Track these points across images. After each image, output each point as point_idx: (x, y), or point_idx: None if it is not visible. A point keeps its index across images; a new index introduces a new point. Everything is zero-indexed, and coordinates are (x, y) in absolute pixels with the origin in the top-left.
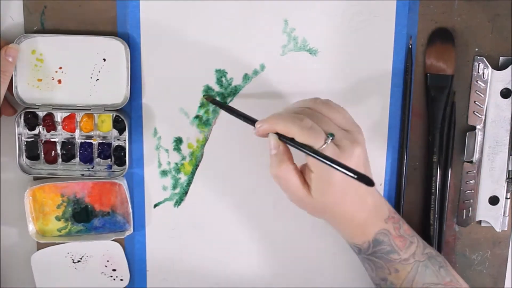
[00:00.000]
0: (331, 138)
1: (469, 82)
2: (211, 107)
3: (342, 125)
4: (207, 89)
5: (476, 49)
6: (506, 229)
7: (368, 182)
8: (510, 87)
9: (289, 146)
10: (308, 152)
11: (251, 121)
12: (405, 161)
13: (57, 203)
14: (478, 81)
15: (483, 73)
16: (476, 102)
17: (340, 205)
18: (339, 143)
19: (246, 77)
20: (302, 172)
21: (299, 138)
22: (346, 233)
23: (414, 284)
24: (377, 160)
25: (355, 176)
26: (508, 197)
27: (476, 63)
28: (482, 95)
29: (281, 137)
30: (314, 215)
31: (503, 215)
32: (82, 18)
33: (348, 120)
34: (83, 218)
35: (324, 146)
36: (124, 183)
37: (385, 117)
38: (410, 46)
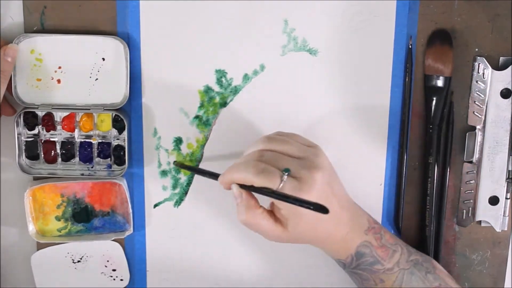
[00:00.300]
0: (286, 174)
1: (469, 82)
2: (211, 107)
3: (296, 154)
4: (207, 89)
5: (476, 49)
6: (506, 229)
7: (322, 209)
8: (510, 87)
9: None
10: (268, 194)
11: (216, 176)
12: (405, 161)
13: (57, 203)
14: (478, 81)
15: (483, 73)
16: (476, 102)
17: (317, 230)
18: (297, 175)
19: (246, 77)
20: (273, 210)
21: (257, 183)
22: (329, 251)
23: None
24: (377, 160)
25: (311, 207)
26: (508, 197)
27: (476, 63)
28: (482, 95)
29: (242, 185)
30: (294, 243)
31: (503, 215)
32: (82, 18)
33: (301, 146)
34: (83, 218)
35: (281, 184)
36: (124, 183)
37: (385, 117)
38: (410, 46)
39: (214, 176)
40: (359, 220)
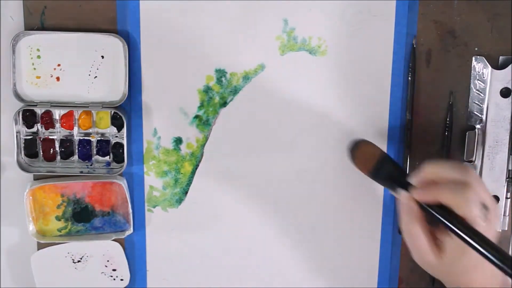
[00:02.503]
0: (486, 212)
1: (468, 82)
2: (211, 107)
3: (486, 200)
4: (207, 89)
5: (476, 49)
6: (506, 228)
7: None
8: (510, 87)
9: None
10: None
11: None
12: (408, 162)
13: (57, 203)
14: (478, 81)
15: (483, 73)
16: (476, 102)
17: (469, 275)
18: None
19: (246, 77)
20: (432, 233)
21: (460, 210)
22: None
23: None
24: None
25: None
26: (508, 196)
27: (475, 63)
28: (482, 95)
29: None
30: (439, 278)
31: (503, 215)
32: (82, 18)
33: (489, 195)
34: (83, 218)
35: (482, 223)
36: (124, 183)
37: (385, 117)
38: (414, 46)
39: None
40: (508, 281)
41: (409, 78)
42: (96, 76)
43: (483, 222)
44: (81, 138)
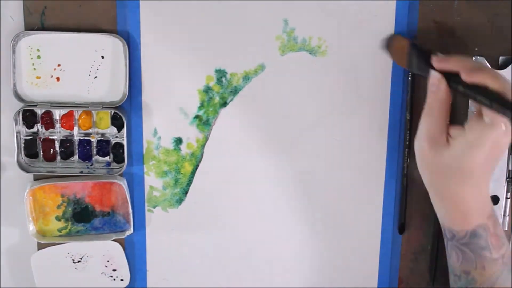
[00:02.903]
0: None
1: None
2: (211, 107)
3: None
4: (207, 89)
5: (476, 49)
6: (506, 229)
7: None
8: None
9: None
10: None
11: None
12: (407, 161)
13: (57, 203)
14: None
15: None
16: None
17: (462, 177)
18: None
19: (246, 77)
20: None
21: (493, 84)
22: (447, 215)
23: (495, 285)
24: (377, 159)
25: None
26: (508, 196)
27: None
28: None
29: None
30: (426, 179)
31: (503, 215)
32: (82, 18)
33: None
34: (83, 218)
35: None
36: (124, 184)
37: (385, 117)
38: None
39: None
40: (487, 203)
41: (409, 78)
42: (96, 76)
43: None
44: (81, 138)
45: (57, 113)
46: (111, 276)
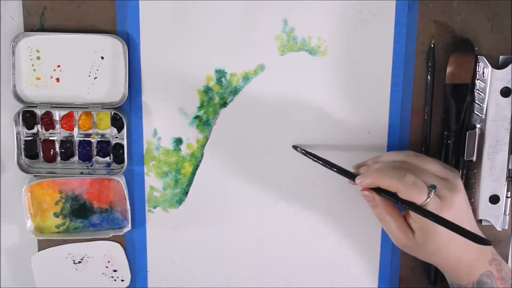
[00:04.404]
0: (433, 190)
1: None
2: (211, 107)
3: (439, 174)
4: (207, 89)
5: (476, 48)
6: (506, 228)
7: (484, 242)
8: (510, 86)
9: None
10: (411, 208)
11: (350, 175)
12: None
13: (55, 199)
14: (478, 80)
15: (483, 72)
16: (476, 101)
17: (445, 250)
18: (439, 193)
19: (246, 78)
20: (405, 217)
21: (403, 194)
22: (452, 275)
23: None
24: None
25: (473, 239)
26: (509, 196)
27: (476, 62)
28: (482, 94)
29: (381, 191)
30: (419, 257)
31: (504, 214)
32: (82, 19)
33: (444, 167)
34: (81, 214)
35: (427, 200)
36: (122, 180)
37: (385, 117)
38: (432, 45)
39: (348, 174)
40: (484, 249)
41: (429, 78)
42: (96, 77)
43: (432, 199)
44: (81, 139)
45: (57, 114)
46: (112, 277)
